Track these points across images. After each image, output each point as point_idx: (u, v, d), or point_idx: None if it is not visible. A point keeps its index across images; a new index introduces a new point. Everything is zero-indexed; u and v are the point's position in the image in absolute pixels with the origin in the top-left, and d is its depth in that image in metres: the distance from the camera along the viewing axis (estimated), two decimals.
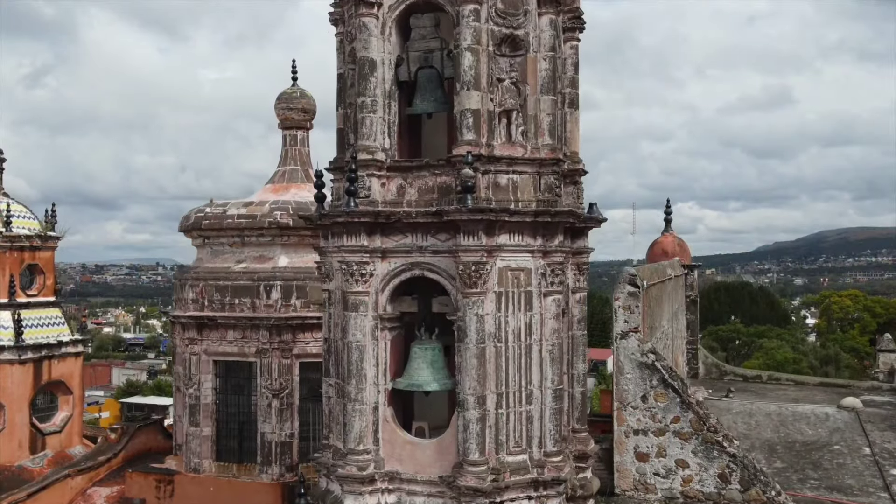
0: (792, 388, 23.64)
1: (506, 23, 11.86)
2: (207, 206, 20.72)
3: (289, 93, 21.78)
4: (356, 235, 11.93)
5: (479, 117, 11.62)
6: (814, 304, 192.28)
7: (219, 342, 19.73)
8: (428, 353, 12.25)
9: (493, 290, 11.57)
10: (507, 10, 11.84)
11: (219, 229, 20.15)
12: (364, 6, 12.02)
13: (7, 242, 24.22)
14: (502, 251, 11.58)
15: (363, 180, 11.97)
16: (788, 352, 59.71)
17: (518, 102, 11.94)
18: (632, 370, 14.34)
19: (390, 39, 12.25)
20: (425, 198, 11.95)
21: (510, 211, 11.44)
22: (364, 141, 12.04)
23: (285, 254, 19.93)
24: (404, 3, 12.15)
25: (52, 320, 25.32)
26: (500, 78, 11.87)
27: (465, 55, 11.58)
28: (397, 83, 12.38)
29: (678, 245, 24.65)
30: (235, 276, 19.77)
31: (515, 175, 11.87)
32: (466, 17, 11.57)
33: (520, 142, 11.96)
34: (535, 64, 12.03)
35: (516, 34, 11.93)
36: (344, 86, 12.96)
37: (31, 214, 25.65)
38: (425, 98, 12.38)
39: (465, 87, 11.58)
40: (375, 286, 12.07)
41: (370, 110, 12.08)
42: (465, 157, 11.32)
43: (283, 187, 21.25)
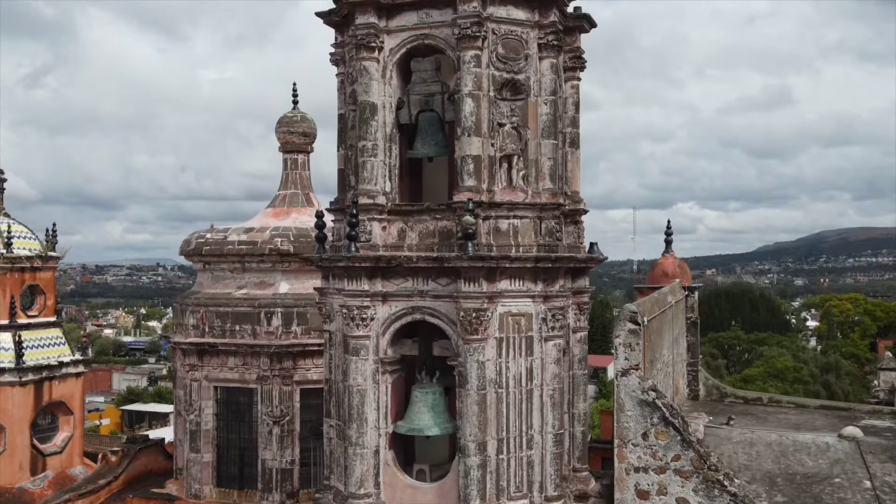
0: (793, 412, 23.63)
1: (507, 67, 11.87)
2: (208, 231, 20.74)
3: (289, 116, 21.77)
4: (357, 279, 11.94)
5: (480, 163, 11.63)
6: (814, 307, 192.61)
7: (219, 368, 19.74)
8: (429, 396, 12.26)
9: (494, 336, 11.58)
10: (507, 55, 11.85)
11: (220, 255, 20.16)
12: (365, 50, 12.03)
13: (8, 264, 24.22)
14: (503, 297, 11.60)
15: (364, 224, 11.98)
16: (789, 360, 59.68)
17: (519, 147, 11.95)
18: (632, 407, 14.30)
19: (391, 83, 12.26)
20: (426, 242, 11.96)
21: (511, 258, 11.45)
22: (365, 185, 12.05)
23: (286, 280, 19.94)
24: (405, 47, 12.16)
25: (53, 341, 25.32)
26: (501, 123, 11.88)
27: (465, 101, 11.58)
28: (398, 126, 12.39)
29: (679, 267, 24.63)
30: (236, 302, 19.79)
31: (516, 220, 11.87)
32: (467, 62, 11.58)
33: (521, 186, 11.96)
34: (536, 108, 12.03)
35: (517, 79, 11.94)
36: (345, 126, 12.97)
37: (32, 235, 25.64)
38: (426, 142, 12.39)
39: (465, 133, 11.59)
40: (376, 330, 12.08)
41: (371, 154, 12.09)
42: (465, 205, 11.33)
43: (284, 212, 21.25)
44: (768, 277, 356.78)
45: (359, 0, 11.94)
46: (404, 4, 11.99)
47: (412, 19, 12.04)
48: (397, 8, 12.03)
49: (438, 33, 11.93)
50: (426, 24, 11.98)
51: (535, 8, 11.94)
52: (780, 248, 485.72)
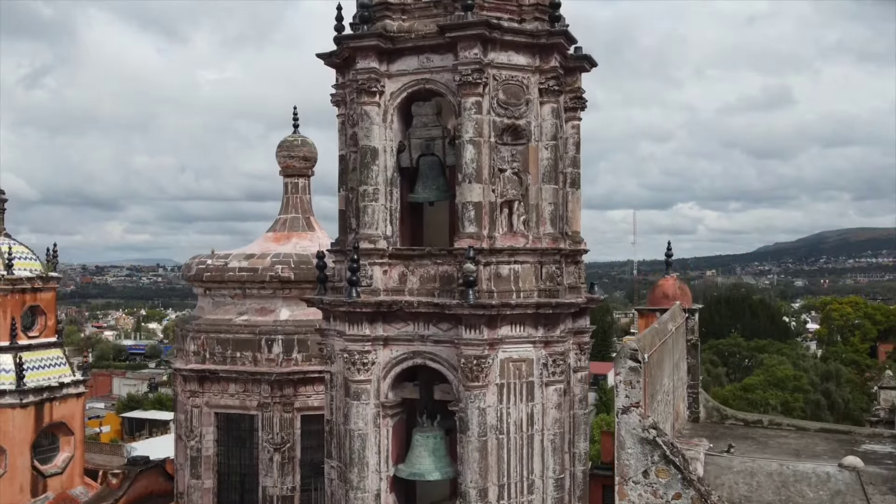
0: (793, 435, 23.63)
1: (507, 113, 11.88)
2: (209, 256, 20.75)
3: (290, 140, 21.78)
4: (358, 324, 11.95)
5: (481, 209, 11.64)
6: (814, 309, 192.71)
7: (220, 395, 19.77)
8: (430, 441, 12.27)
9: (495, 383, 11.60)
10: (508, 100, 11.86)
11: (220, 281, 20.19)
12: (366, 95, 12.04)
13: (9, 286, 24.24)
14: (504, 343, 11.61)
15: (365, 269, 11.99)
16: (789, 368, 59.68)
17: (520, 192, 11.97)
18: (633, 445, 14.31)
19: (392, 126, 12.27)
20: (427, 286, 11.97)
21: (512, 304, 11.46)
22: (366, 230, 12.06)
23: (286, 306, 19.95)
24: (406, 91, 12.17)
25: (54, 361, 25.34)
26: (502, 168, 11.89)
27: (466, 148, 11.60)
28: (399, 169, 12.40)
29: (679, 288, 24.64)
30: (237, 328, 19.81)
31: (517, 265, 11.88)
32: (468, 109, 11.59)
33: (521, 231, 11.97)
34: (537, 153, 12.05)
35: (518, 124, 11.95)
36: (346, 167, 12.98)
37: (33, 255, 25.67)
38: (427, 186, 12.40)
39: (466, 180, 11.60)
40: (377, 374, 12.10)
41: (372, 199, 12.10)
42: (466, 252, 11.33)
43: (285, 236, 21.27)
44: (768, 278, 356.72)
45: (360, 45, 11.96)
46: (405, 49, 12.01)
47: (413, 64, 12.05)
48: (398, 52, 12.05)
49: (439, 78, 11.94)
50: (427, 69, 11.99)
51: (535, 53, 11.95)
52: (780, 249, 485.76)
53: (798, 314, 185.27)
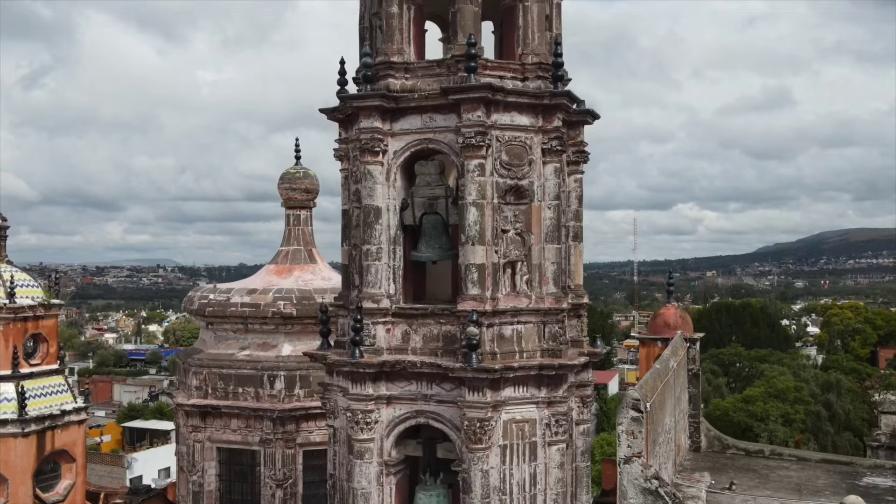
0: (794, 466, 23.64)
1: (510, 174, 11.90)
2: (211, 290, 20.77)
3: (292, 173, 21.80)
4: (361, 383, 11.98)
5: (484, 271, 11.67)
6: (815, 311, 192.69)
7: (222, 430, 19.79)
8: (433, 499, 12.30)
9: (498, 444, 11.63)
10: (511, 161, 11.88)
11: (223, 317, 20.22)
12: (369, 154, 12.06)
13: (11, 314, 24.23)
14: (507, 404, 11.64)
15: (368, 328, 12.01)
16: (789, 379, 59.68)
17: (523, 253, 11.99)
18: (635, 495, 14.35)
19: (395, 185, 12.29)
20: (430, 346, 12.00)
21: (514, 367, 11.49)
22: (369, 289, 12.08)
23: (288, 341, 19.97)
24: (409, 151, 12.19)
25: (56, 388, 25.33)
26: (505, 229, 11.92)
27: (469, 210, 11.62)
28: (402, 227, 12.42)
29: (680, 317, 24.65)
30: (239, 364, 19.83)
31: (520, 325, 11.90)
32: (471, 171, 11.61)
33: (524, 291, 12.00)
34: (540, 213, 12.06)
35: (521, 184, 11.97)
36: (348, 223, 13.00)
37: (35, 282, 25.68)
38: (430, 245, 12.42)
39: (469, 242, 11.62)
40: (380, 432, 12.12)
41: (375, 258, 12.13)
42: (469, 315, 11.36)
43: (287, 269, 21.29)
44: (769, 279, 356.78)
45: (363, 104, 11.99)
46: (408, 108, 12.03)
47: (416, 123, 12.07)
48: (401, 111, 12.07)
49: (442, 138, 11.96)
50: (430, 129, 12.01)
51: (538, 113, 11.97)
52: (780, 250, 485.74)
53: (798, 317, 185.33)
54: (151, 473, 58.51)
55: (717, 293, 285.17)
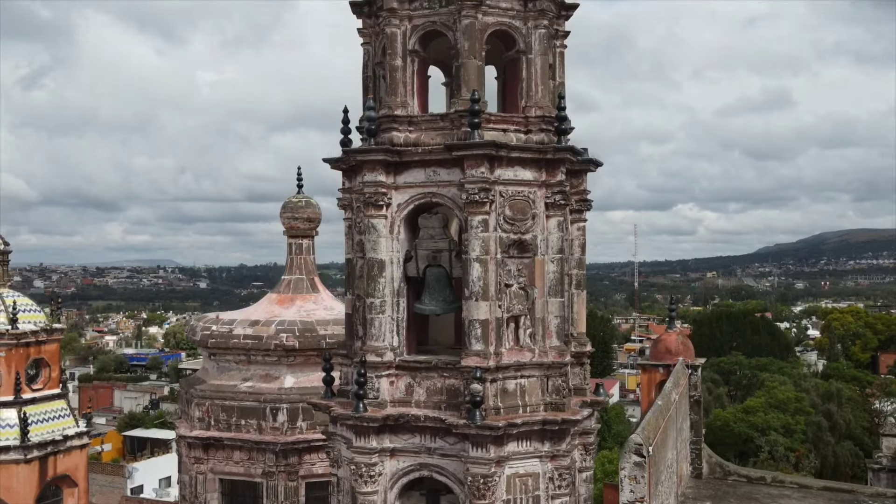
0: (796, 495, 23.69)
1: (514, 228, 11.92)
2: (214, 322, 20.80)
3: (294, 202, 21.84)
4: (365, 436, 12.00)
5: (488, 326, 11.69)
6: (815, 314, 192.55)
7: (225, 462, 19.82)
8: None
9: (502, 499, 11.64)
10: (515, 216, 11.90)
11: (225, 348, 20.25)
12: (373, 208, 12.08)
13: (13, 340, 24.31)
14: (510, 459, 11.67)
15: (372, 381, 12.04)
16: (790, 389, 59.68)
17: (526, 307, 12.01)
18: None
19: (399, 238, 12.31)
20: (433, 399, 12.02)
21: (518, 424, 11.51)
22: (373, 342, 12.11)
23: (291, 373, 20.01)
24: (413, 204, 12.21)
25: (58, 413, 25.41)
26: (509, 283, 11.94)
27: (473, 266, 11.64)
28: (406, 278, 12.44)
29: (682, 343, 24.66)
30: (242, 396, 19.86)
31: (523, 379, 11.94)
32: (475, 227, 11.63)
33: (528, 345, 12.02)
34: (543, 266, 12.08)
35: (524, 239, 11.99)
36: (352, 272, 13.02)
37: (36, 308, 25.76)
38: (434, 298, 12.44)
39: (473, 297, 11.65)
40: (384, 484, 12.15)
41: (379, 311, 12.15)
42: (473, 372, 11.39)
43: (289, 298, 21.32)
44: (769, 280, 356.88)
45: (367, 158, 12.01)
46: (412, 162, 12.05)
47: (420, 176, 12.09)
48: (405, 165, 12.09)
49: (446, 192, 11.98)
50: (433, 183, 12.03)
51: (542, 167, 11.99)
52: (780, 250, 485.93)
53: (799, 319, 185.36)
54: (152, 483, 58.57)
55: (718, 294, 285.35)
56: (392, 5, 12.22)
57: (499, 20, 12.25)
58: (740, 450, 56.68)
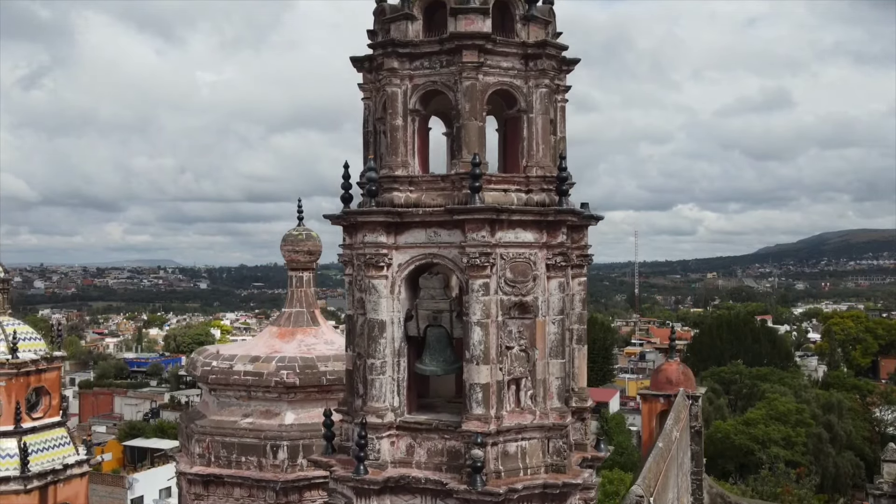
0: None
1: (515, 291, 11.90)
2: (214, 357, 20.78)
3: (294, 235, 21.82)
4: (366, 498, 11.98)
5: (489, 390, 11.67)
6: (816, 316, 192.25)
7: (225, 499, 19.80)
8: None
9: None
10: (516, 278, 11.88)
11: (226, 384, 20.23)
12: (374, 269, 12.06)
13: (14, 370, 24.29)
14: None
15: (373, 442, 12.02)
16: (791, 400, 59.70)
17: (527, 369, 12.00)
18: None
19: (399, 298, 12.29)
20: (434, 460, 12.00)
21: (518, 489, 11.49)
22: (373, 403, 12.10)
23: (292, 410, 19.99)
24: (414, 265, 12.19)
25: (58, 441, 25.39)
26: (510, 346, 11.92)
27: (474, 329, 11.62)
28: (406, 337, 12.42)
29: (682, 373, 24.66)
30: (242, 432, 19.84)
31: (524, 441, 11.92)
32: (476, 291, 11.61)
33: (529, 407, 12.01)
34: (545, 328, 12.07)
35: (525, 300, 11.97)
36: (353, 328, 12.98)
37: (37, 336, 25.75)
38: (434, 358, 12.42)
39: (474, 361, 11.63)
40: None
41: (380, 372, 12.14)
42: (474, 437, 11.38)
43: (290, 332, 21.30)
44: (769, 281, 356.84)
45: (368, 220, 11.99)
46: (413, 223, 12.03)
47: (421, 237, 12.07)
48: (406, 225, 12.07)
49: (447, 253, 11.96)
50: (434, 244, 12.01)
51: (543, 229, 11.97)
52: (781, 250, 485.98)
53: (799, 321, 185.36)
54: (152, 494, 58.65)
55: (718, 295, 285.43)
56: (393, 65, 12.20)
57: (500, 80, 12.23)
58: (741, 462, 56.74)
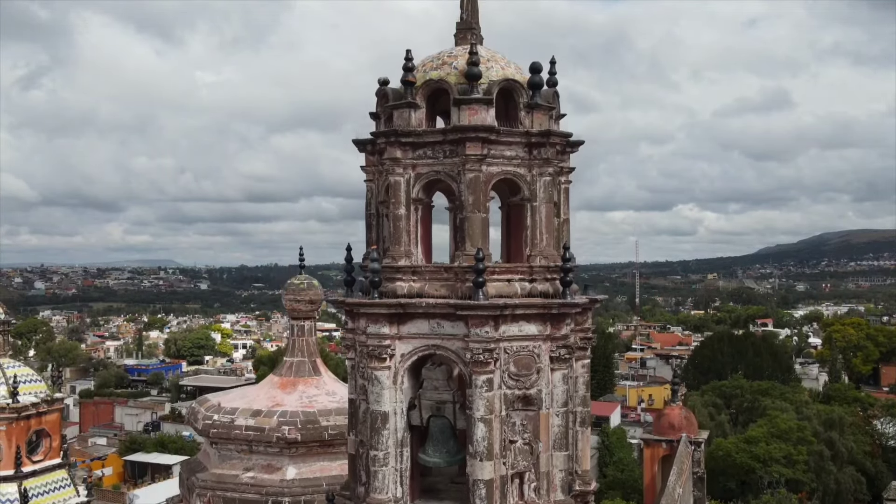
0: None
1: (518, 384, 11.83)
2: (216, 410, 20.68)
3: (296, 284, 21.75)
4: None
5: (492, 486, 11.61)
6: (816, 320, 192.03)
7: None
8: None
9: None
10: (519, 372, 11.81)
11: (227, 438, 20.15)
12: (376, 360, 12.00)
13: (14, 414, 24.23)
14: None
15: None
16: (792, 417, 59.60)
17: (531, 462, 11.93)
18: None
19: (402, 388, 12.21)
20: None
21: None
22: (376, 495, 12.04)
23: (293, 464, 19.91)
24: (416, 356, 12.12)
25: (59, 484, 25.34)
26: (513, 440, 11.85)
27: (477, 425, 11.55)
28: (409, 426, 12.35)
29: (685, 418, 24.56)
30: (243, 487, 19.74)
31: None
32: (479, 386, 11.54)
33: (532, 500, 11.95)
34: (548, 420, 12.00)
35: (529, 394, 11.90)
36: (355, 412, 12.93)
37: (37, 377, 25.69)
38: (437, 450, 12.34)
39: (477, 458, 11.56)
40: None
41: (382, 464, 12.08)
42: None
43: (291, 382, 21.23)
44: (770, 282, 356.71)
45: (371, 312, 11.92)
46: (416, 314, 11.95)
47: (423, 328, 12.00)
48: (409, 316, 11.99)
49: (450, 345, 11.88)
50: (438, 335, 11.93)
51: (547, 321, 11.89)
52: (781, 251, 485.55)
53: (800, 325, 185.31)
54: None
55: (719, 297, 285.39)
56: (395, 155, 12.12)
57: (503, 169, 12.15)
58: (742, 480, 56.70)
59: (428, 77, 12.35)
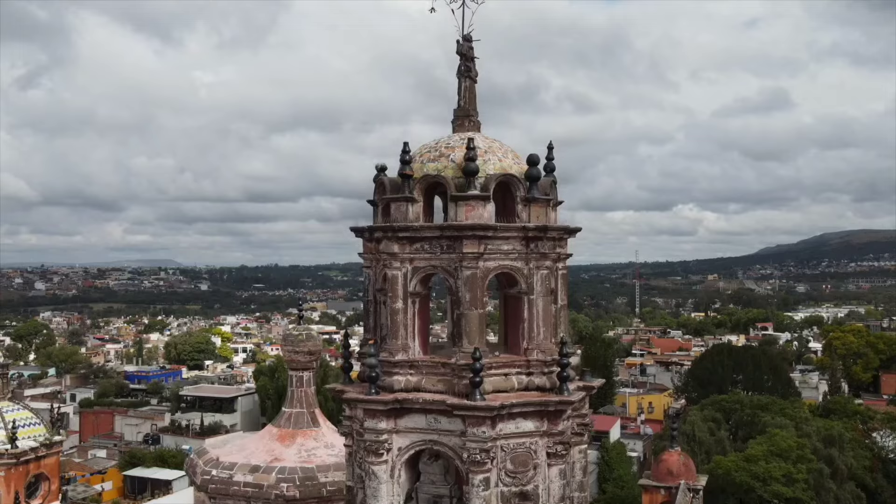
0: None
1: (515, 481, 11.84)
2: (214, 465, 20.68)
3: (295, 335, 21.75)
4: None
5: None
6: (816, 324, 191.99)
7: None
8: None
9: None
10: (517, 469, 11.81)
11: (225, 494, 20.15)
12: (373, 455, 12.00)
13: (13, 459, 24.23)
14: None
15: None
16: (792, 434, 59.54)
17: None
18: None
19: (399, 481, 12.22)
20: None
21: None
22: None
23: None
24: (414, 450, 12.13)
25: None
26: None
27: None
28: None
29: (683, 464, 24.58)
30: None
31: None
32: (476, 486, 11.54)
33: None
34: None
35: (526, 490, 11.91)
36: (353, 499, 12.94)
37: (36, 420, 25.67)
38: None
39: None
40: None
41: None
42: None
43: (290, 434, 21.22)
44: (770, 283, 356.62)
45: (368, 407, 11.93)
46: (413, 409, 11.96)
47: (421, 422, 12.00)
48: (406, 410, 12.00)
49: (447, 441, 11.88)
50: (435, 430, 11.93)
51: (544, 417, 11.90)
52: (781, 251, 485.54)
53: (800, 328, 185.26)
54: None
55: (719, 298, 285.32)
56: (393, 249, 12.12)
57: (500, 264, 12.14)
58: (741, 498, 56.67)
59: (425, 171, 12.34)
